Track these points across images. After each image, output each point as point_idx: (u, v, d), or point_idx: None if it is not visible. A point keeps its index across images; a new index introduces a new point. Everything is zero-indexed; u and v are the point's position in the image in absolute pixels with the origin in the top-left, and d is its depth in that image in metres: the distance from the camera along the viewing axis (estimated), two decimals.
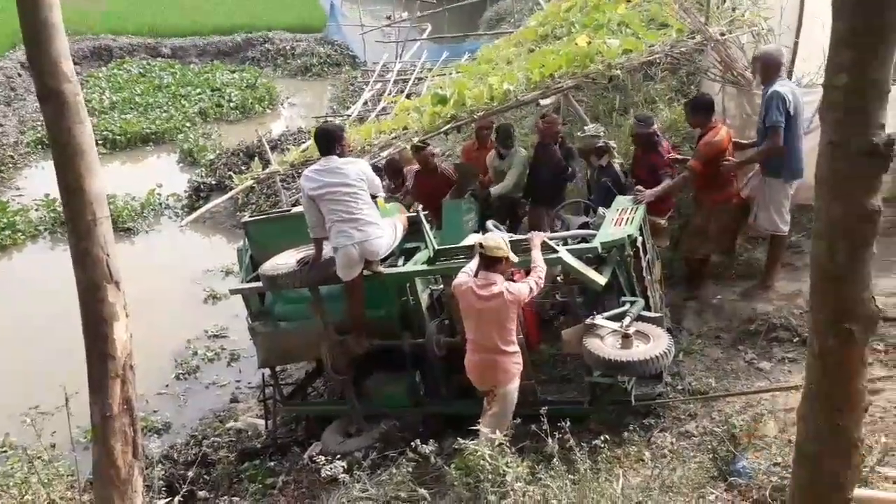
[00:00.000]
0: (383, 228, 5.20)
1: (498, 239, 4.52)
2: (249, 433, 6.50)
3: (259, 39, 22.18)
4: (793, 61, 7.07)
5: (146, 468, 5.23)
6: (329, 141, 5.25)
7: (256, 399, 6.81)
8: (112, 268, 3.76)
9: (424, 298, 5.54)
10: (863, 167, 1.65)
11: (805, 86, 6.16)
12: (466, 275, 4.58)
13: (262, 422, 6.43)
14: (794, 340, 5.15)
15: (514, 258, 4.52)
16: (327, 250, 5.22)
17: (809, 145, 5.36)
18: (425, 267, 5.40)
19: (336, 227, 5.04)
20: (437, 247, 5.52)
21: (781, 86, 5.45)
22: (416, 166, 7.24)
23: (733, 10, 7.45)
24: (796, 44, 7.02)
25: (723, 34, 6.83)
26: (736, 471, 3.80)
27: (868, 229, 1.72)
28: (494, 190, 7.00)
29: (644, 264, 5.25)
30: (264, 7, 24.69)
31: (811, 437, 2.00)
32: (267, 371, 6.16)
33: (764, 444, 3.94)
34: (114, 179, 12.73)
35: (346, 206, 5.02)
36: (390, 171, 7.35)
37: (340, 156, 5.22)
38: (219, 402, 7.38)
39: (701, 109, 5.87)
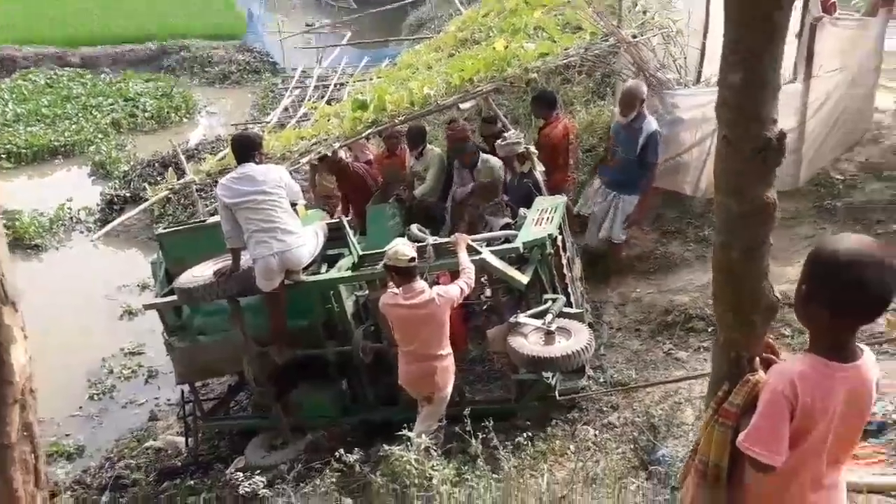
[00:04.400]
0: (304, 237, 5.07)
1: (398, 248, 4.46)
2: (169, 452, 6.24)
3: (175, 47, 21.48)
4: (701, 62, 7.37)
5: (54, 496, 4.96)
6: (245, 148, 5.10)
7: (176, 416, 6.56)
8: (7, 288, 3.52)
9: (349, 305, 5.45)
10: (757, 161, 1.69)
11: (712, 86, 6.40)
12: (392, 292, 4.53)
13: (183, 439, 6.19)
14: (709, 330, 5.31)
15: (411, 253, 4.43)
16: (246, 260, 5.06)
17: None
18: (349, 273, 5.33)
19: (254, 237, 4.89)
20: (360, 252, 5.47)
21: (653, 121, 6.02)
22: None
23: (644, 13, 7.70)
24: (703, 45, 7.31)
25: (634, 36, 7.03)
26: (656, 459, 3.88)
27: (764, 221, 1.76)
28: (417, 191, 6.99)
29: (564, 262, 5.33)
30: (180, 14, 23.98)
31: None
32: (186, 387, 5.94)
33: (682, 431, 4.04)
34: (20, 194, 12.15)
35: (265, 215, 4.87)
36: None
37: (258, 164, 5.08)
38: (137, 421, 7.07)
39: (543, 103, 6.58)
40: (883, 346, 4.47)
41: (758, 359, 1.95)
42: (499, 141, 6.36)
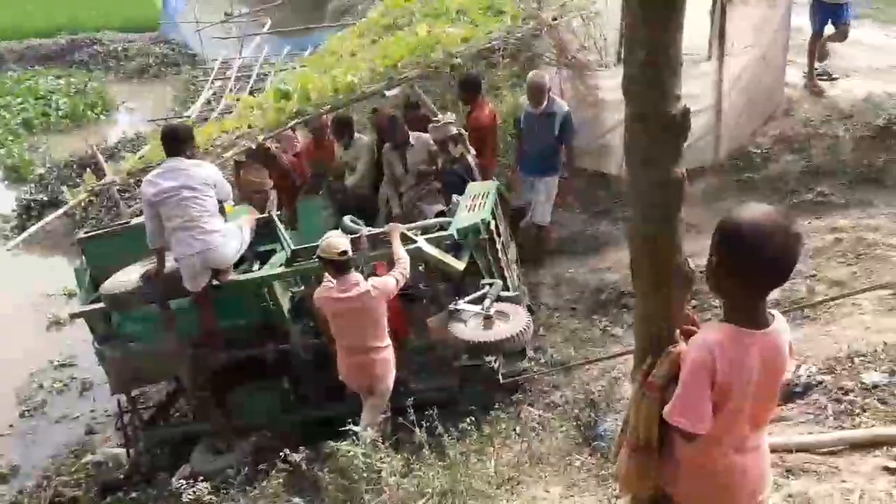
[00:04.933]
0: (227, 235, 4.94)
1: (330, 240, 4.43)
2: (110, 465, 6.02)
3: (86, 41, 20.48)
4: (620, 43, 7.52)
5: None
6: (176, 141, 4.92)
7: (115, 428, 6.36)
8: None
9: (286, 302, 5.38)
10: (664, 138, 1.75)
11: None
12: (326, 286, 4.50)
13: (123, 451, 6.01)
14: None
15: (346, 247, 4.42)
16: (172, 262, 4.93)
17: None
18: (283, 269, 5.25)
19: (175, 235, 4.76)
20: (293, 247, 5.39)
21: (563, 102, 6.40)
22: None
23: None
24: (622, 25, 7.46)
25: (555, 19, 7.11)
26: (598, 435, 3.98)
27: (674, 194, 1.82)
28: (349, 182, 6.93)
29: (499, 246, 5.39)
30: (90, 6, 22.86)
31: None
32: (123, 397, 5.76)
33: (621, 405, 4.17)
34: None
35: (187, 212, 4.73)
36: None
37: (189, 157, 4.93)
38: (73, 436, 6.81)
39: (469, 86, 6.63)
40: (804, 311, 4.72)
41: (678, 330, 2.01)
42: (432, 124, 6.36)
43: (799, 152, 6.74)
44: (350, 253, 4.42)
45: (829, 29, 7.31)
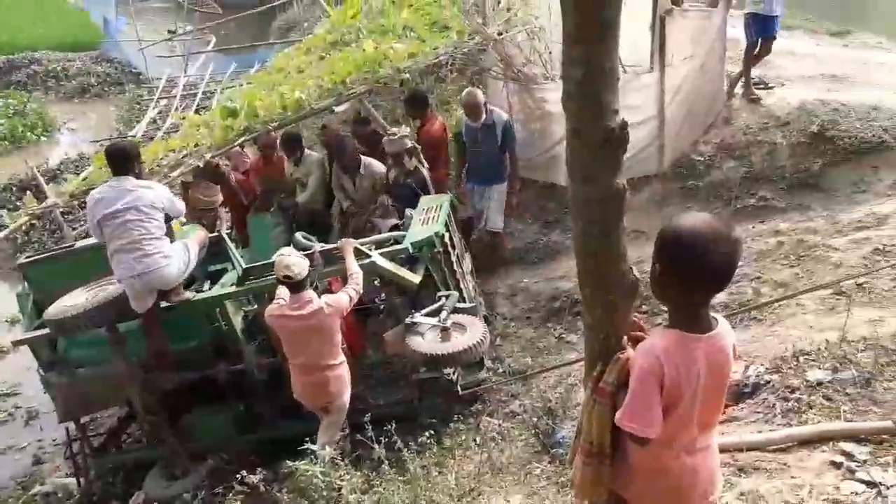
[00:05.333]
0: (170, 256, 4.79)
1: (281, 258, 4.39)
2: (60, 495, 5.84)
3: (24, 61, 19.91)
4: None
5: None
6: (123, 159, 4.80)
7: (63, 457, 6.15)
8: None
9: (238, 321, 5.30)
10: (603, 153, 1.79)
11: None
12: (278, 303, 4.46)
13: (73, 480, 5.82)
14: None
15: (303, 273, 4.39)
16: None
17: None
18: (234, 288, 5.18)
19: (117, 256, 4.65)
20: (244, 265, 5.33)
21: (501, 112, 6.60)
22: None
23: (508, 10, 7.89)
24: None
25: (500, 34, 7.21)
26: (556, 442, 4.03)
27: (616, 207, 1.87)
28: (300, 198, 6.89)
29: (454, 258, 5.43)
30: (27, 24, 22.19)
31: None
32: (72, 424, 5.59)
33: (577, 412, 4.22)
34: None
35: (129, 234, 4.61)
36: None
37: (138, 177, 4.83)
38: (19, 467, 6.53)
39: (416, 103, 6.79)
40: (751, 312, 4.87)
41: (626, 336, 2.05)
42: (387, 137, 6.38)
43: (739, 159, 6.96)
44: (298, 275, 4.36)
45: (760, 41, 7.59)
